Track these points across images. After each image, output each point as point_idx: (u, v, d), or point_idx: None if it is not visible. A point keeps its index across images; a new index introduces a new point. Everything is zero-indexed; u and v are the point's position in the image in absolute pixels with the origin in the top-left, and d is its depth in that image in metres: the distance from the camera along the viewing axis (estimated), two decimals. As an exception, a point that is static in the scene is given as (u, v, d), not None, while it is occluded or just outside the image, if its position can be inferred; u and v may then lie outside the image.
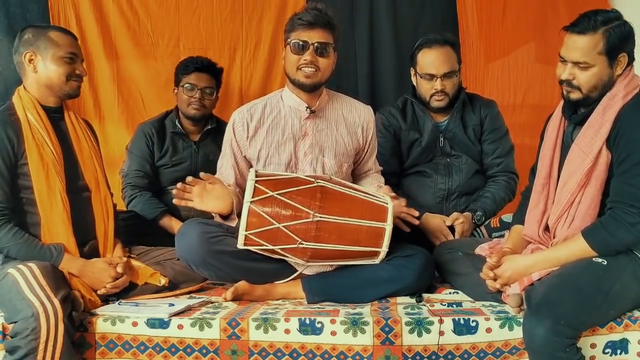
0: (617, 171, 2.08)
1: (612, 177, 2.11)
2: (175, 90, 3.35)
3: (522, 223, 2.38)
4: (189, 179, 2.37)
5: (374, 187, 2.66)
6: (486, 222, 2.94)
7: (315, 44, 2.50)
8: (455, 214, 2.90)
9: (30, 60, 2.39)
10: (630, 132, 2.05)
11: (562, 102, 2.29)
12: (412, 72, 3.04)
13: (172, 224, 3.12)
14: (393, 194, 2.50)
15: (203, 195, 2.36)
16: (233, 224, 2.45)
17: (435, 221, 2.90)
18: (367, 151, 2.77)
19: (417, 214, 2.63)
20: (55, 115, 2.46)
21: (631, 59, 2.15)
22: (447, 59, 2.90)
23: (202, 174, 2.38)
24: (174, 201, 2.36)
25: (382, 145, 3.03)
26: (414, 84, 3.05)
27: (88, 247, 2.45)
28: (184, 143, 3.31)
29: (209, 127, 3.36)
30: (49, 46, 2.38)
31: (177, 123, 3.32)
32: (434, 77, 2.91)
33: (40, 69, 2.39)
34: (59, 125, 2.46)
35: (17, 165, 2.33)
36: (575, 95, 2.17)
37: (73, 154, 2.47)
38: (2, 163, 2.30)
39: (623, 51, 2.12)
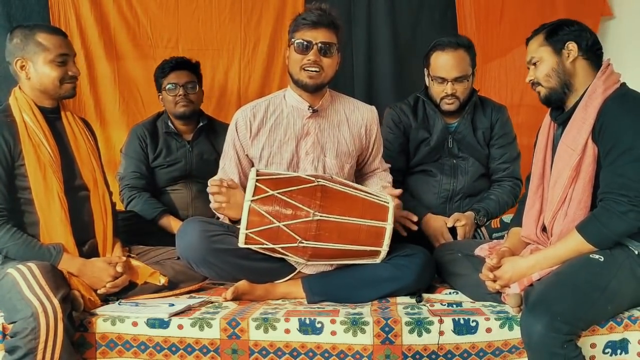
0: (604, 163, 2.10)
1: (600, 170, 2.13)
2: (160, 96, 3.35)
3: (520, 226, 2.40)
4: (232, 181, 2.44)
5: (378, 187, 2.67)
6: (487, 223, 2.94)
7: (319, 44, 2.50)
8: (456, 215, 2.90)
9: (22, 67, 2.38)
10: (613, 123, 2.08)
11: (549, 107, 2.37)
12: (426, 72, 3.03)
13: (172, 223, 3.12)
14: (398, 191, 2.49)
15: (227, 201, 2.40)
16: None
17: (436, 223, 2.90)
18: (371, 152, 2.77)
19: (415, 218, 2.63)
20: (51, 116, 2.45)
21: (586, 48, 2.21)
22: (458, 63, 2.89)
23: (230, 182, 2.43)
24: (209, 189, 2.40)
25: (391, 142, 3.04)
26: (427, 84, 3.05)
27: (87, 246, 2.44)
28: (178, 143, 3.31)
29: (201, 124, 3.35)
30: (38, 51, 2.36)
31: (169, 124, 3.32)
32: (445, 81, 2.90)
33: (33, 75, 2.38)
34: (55, 126, 2.46)
35: (15, 166, 2.32)
36: (542, 93, 2.30)
37: (70, 153, 2.47)
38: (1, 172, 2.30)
39: (568, 40, 2.21)
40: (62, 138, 2.47)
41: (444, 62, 2.90)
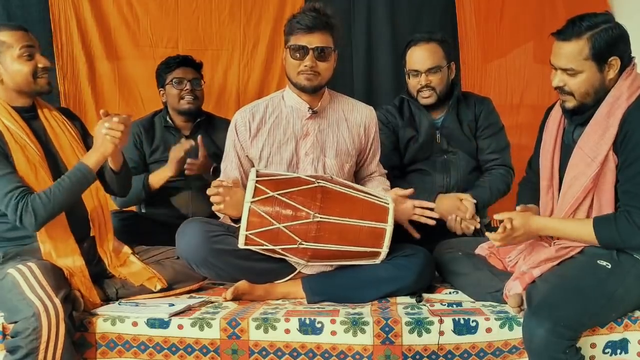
0: (625, 173, 2.06)
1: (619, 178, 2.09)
2: (162, 91, 3.34)
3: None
4: (231, 180, 2.41)
5: (380, 190, 2.66)
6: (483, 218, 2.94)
7: (315, 49, 2.49)
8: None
9: None
10: (637, 134, 2.03)
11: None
12: (405, 71, 3.07)
13: (159, 173, 3.12)
14: (409, 191, 2.52)
15: (226, 200, 2.38)
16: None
17: (449, 199, 2.87)
18: (369, 152, 2.76)
19: (433, 206, 2.59)
20: (27, 115, 2.40)
21: (626, 61, 2.13)
22: (430, 55, 2.94)
23: (231, 180, 2.41)
24: (208, 191, 2.37)
25: (382, 141, 3.02)
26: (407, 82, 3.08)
27: (86, 243, 2.45)
28: (176, 138, 3.29)
29: (199, 120, 3.34)
30: (2, 50, 2.31)
31: (168, 119, 3.32)
32: (419, 73, 2.96)
33: (5, 76, 2.33)
34: (33, 125, 2.40)
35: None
36: (570, 104, 2.16)
37: (53, 151, 2.42)
38: (2, 159, 2.25)
39: (613, 55, 2.08)
40: (42, 137, 2.42)
41: (417, 55, 2.96)
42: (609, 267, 2.04)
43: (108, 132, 2.28)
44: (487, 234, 2.24)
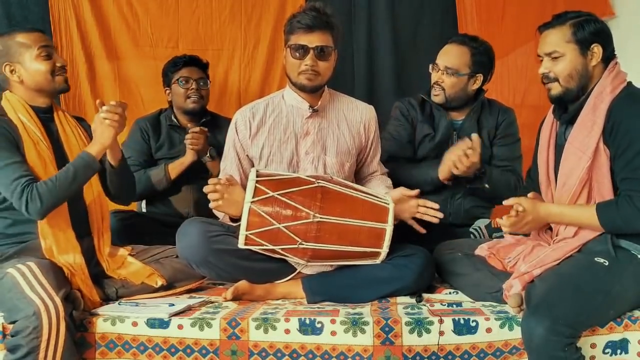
0: (620, 161, 2.08)
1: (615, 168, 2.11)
2: (168, 90, 3.36)
3: None
4: (226, 177, 2.42)
5: (382, 189, 2.66)
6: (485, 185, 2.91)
7: (315, 48, 2.49)
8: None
9: (12, 71, 2.38)
10: (625, 123, 2.07)
11: (553, 105, 2.32)
12: None
13: (177, 164, 3.19)
14: (415, 192, 2.51)
15: (224, 197, 2.37)
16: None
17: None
18: (370, 151, 2.76)
19: (437, 206, 2.54)
20: (44, 116, 2.45)
21: (608, 53, 2.18)
22: (454, 55, 2.94)
23: (226, 177, 2.42)
24: (205, 188, 2.37)
25: (400, 132, 3.07)
26: None
27: (86, 240, 2.45)
28: (181, 137, 3.29)
29: (204, 120, 3.35)
30: (22, 51, 2.36)
31: (173, 117, 3.34)
32: (437, 68, 2.97)
33: (25, 76, 2.38)
34: (48, 126, 2.45)
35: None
36: (555, 91, 2.21)
37: (63, 154, 2.45)
38: (13, 148, 2.28)
39: (595, 42, 2.15)
40: (55, 138, 2.46)
41: (443, 51, 2.99)
42: (606, 264, 2.05)
43: (106, 115, 2.31)
44: (497, 219, 2.26)
